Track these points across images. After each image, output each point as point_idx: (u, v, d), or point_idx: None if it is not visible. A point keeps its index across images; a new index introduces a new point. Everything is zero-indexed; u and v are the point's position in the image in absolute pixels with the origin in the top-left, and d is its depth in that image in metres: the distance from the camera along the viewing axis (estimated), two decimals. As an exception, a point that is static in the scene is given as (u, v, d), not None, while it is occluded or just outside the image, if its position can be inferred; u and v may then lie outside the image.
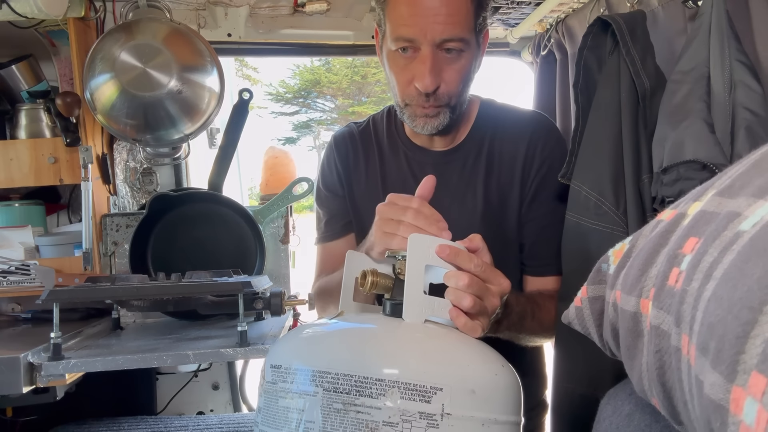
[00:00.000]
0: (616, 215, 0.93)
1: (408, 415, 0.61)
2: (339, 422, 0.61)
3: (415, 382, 0.61)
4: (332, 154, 1.26)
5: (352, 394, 0.61)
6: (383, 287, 0.76)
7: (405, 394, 0.61)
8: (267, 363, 0.70)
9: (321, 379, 0.63)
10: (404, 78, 1.03)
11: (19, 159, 1.41)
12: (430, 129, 1.07)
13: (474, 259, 0.73)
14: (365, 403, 0.61)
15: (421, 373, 0.62)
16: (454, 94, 1.03)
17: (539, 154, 1.11)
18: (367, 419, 0.61)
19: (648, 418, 0.59)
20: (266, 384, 0.68)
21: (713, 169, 0.79)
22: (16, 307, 1.47)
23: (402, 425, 0.61)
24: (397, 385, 0.61)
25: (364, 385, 0.61)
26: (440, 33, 0.97)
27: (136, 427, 1.45)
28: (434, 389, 0.62)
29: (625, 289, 0.55)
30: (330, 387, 0.62)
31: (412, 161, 1.18)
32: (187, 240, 1.40)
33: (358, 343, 0.67)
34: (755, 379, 0.31)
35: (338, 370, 0.62)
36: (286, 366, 0.66)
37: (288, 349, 0.69)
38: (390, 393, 0.61)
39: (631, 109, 0.95)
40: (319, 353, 0.66)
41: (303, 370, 0.64)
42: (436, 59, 0.99)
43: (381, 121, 1.24)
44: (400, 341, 0.68)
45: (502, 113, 1.18)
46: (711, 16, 0.86)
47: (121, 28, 1.34)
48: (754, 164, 0.45)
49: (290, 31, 1.64)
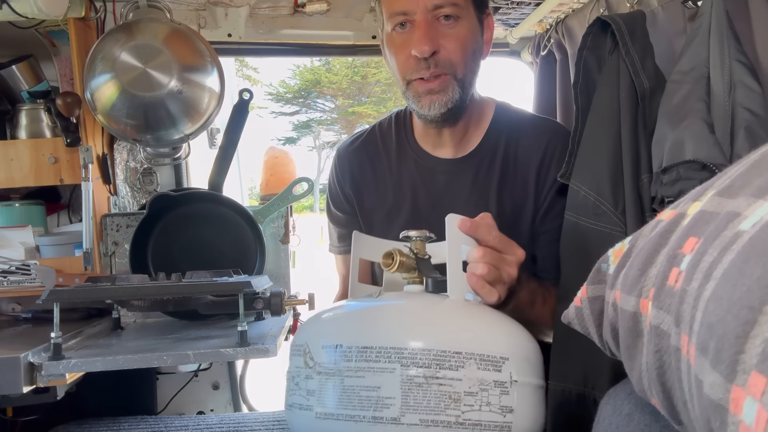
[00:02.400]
0: (615, 215, 0.94)
1: (485, 384, 0.65)
2: (422, 396, 0.63)
3: (487, 353, 0.66)
4: (337, 172, 1.24)
5: (433, 368, 0.64)
6: (407, 267, 0.78)
7: (480, 365, 0.65)
8: (314, 344, 0.69)
9: (398, 355, 0.64)
10: (403, 53, 1.03)
11: (19, 159, 1.41)
12: (438, 107, 1.03)
13: (492, 231, 0.79)
14: (446, 375, 0.64)
15: (491, 345, 0.67)
16: (456, 62, 1.02)
17: (556, 164, 1.09)
18: (449, 390, 0.64)
19: (648, 418, 0.59)
20: (321, 366, 0.67)
21: (713, 169, 0.79)
22: (16, 307, 1.47)
23: (480, 394, 0.64)
24: (473, 357, 0.65)
25: (443, 358, 0.64)
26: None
27: (136, 427, 1.45)
28: (503, 359, 0.67)
29: (624, 289, 0.55)
30: (408, 362, 0.64)
31: (423, 169, 1.15)
32: (187, 240, 1.40)
33: (426, 319, 0.70)
34: (755, 379, 0.31)
35: (415, 346, 0.64)
36: (349, 345, 0.66)
37: (345, 328, 0.69)
38: (468, 364, 0.65)
39: (631, 109, 0.95)
40: (390, 331, 0.67)
41: (373, 348, 0.65)
42: (432, 26, 1.00)
43: (389, 127, 1.21)
44: (463, 315, 0.72)
45: (517, 119, 1.16)
46: (711, 17, 0.86)
47: (121, 29, 1.34)
48: (754, 164, 0.45)
49: (290, 31, 1.64)
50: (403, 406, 0.63)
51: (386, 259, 0.78)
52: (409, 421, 0.63)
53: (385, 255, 0.79)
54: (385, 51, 1.08)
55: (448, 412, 0.64)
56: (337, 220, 1.27)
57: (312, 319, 0.78)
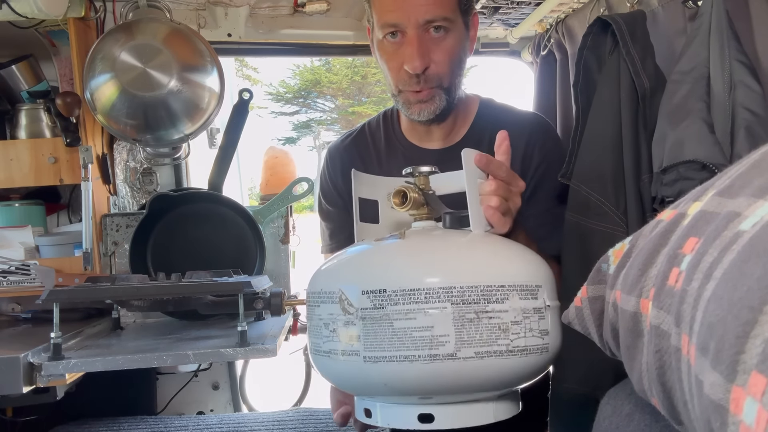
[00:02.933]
0: (616, 215, 0.94)
1: (527, 312, 0.69)
2: (474, 330, 0.67)
3: (526, 282, 0.70)
4: (328, 168, 1.27)
5: (482, 303, 0.67)
6: (417, 204, 0.79)
7: (521, 295, 0.69)
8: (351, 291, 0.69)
9: (447, 294, 0.66)
10: (394, 64, 1.05)
11: (19, 159, 1.41)
12: (427, 114, 1.07)
13: (502, 166, 0.82)
14: (495, 308, 0.68)
15: (527, 275, 0.71)
16: (444, 74, 1.05)
17: (538, 153, 1.13)
18: (498, 322, 0.67)
19: (648, 418, 0.59)
20: (364, 311, 0.68)
21: (713, 169, 0.79)
22: (16, 307, 1.47)
23: (524, 322, 0.69)
24: (515, 288, 0.69)
25: (490, 292, 0.67)
26: (423, 14, 1.00)
27: (136, 427, 1.45)
28: (537, 287, 0.71)
29: (625, 289, 0.55)
30: (459, 300, 0.66)
31: (410, 161, 1.18)
32: (187, 240, 1.40)
33: (467, 256, 0.73)
34: (755, 379, 0.31)
35: (463, 283, 0.67)
36: (394, 289, 0.67)
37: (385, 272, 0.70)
38: (512, 296, 0.68)
39: (631, 109, 0.95)
40: (434, 271, 0.68)
41: (421, 290, 0.67)
42: (423, 40, 1.02)
43: (377, 126, 1.25)
44: (498, 249, 0.75)
45: (501, 113, 1.19)
46: (711, 16, 0.86)
47: (121, 28, 1.34)
48: (754, 164, 0.45)
49: (290, 31, 1.64)
50: (458, 341, 0.66)
51: (397, 198, 0.79)
52: (465, 355, 0.66)
53: (395, 194, 0.80)
54: (375, 53, 1.11)
55: (500, 342, 0.67)
56: (329, 216, 1.29)
57: (336, 266, 0.78)
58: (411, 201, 0.78)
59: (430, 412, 0.71)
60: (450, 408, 0.71)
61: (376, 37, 1.07)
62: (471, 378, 0.67)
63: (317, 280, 0.77)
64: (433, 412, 0.71)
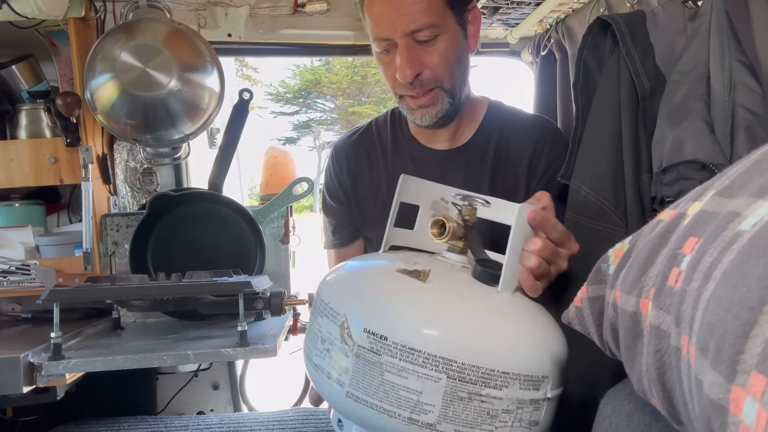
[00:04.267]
0: (616, 215, 0.94)
1: (522, 402, 0.66)
2: (461, 409, 0.64)
3: (532, 373, 0.66)
4: (334, 163, 1.27)
5: (478, 385, 0.64)
6: (456, 236, 0.76)
7: (523, 385, 0.66)
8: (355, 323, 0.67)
9: (446, 366, 0.64)
10: (389, 74, 1.07)
11: (19, 159, 1.41)
12: (429, 119, 1.07)
13: (558, 226, 0.77)
14: (490, 394, 0.64)
15: (536, 364, 0.67)
16: (441, 76, 1.05)
17: (546, 157, 1.12)
18: (489, 408, 0.64)
19: (648, 418, 0.59)
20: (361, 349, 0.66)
21: (713, 169, 0.79)
22: (16, 307, 1.47)
23: (516, 412, 0.65)
24: (518, 378, 0.65)
25: (491, 377, 0.64)
26: (407, 24, 1.00)
27: (136, 427, 1.45)
28: (543, 378, 0.67)
29: (624, 289, 0.55)
30: (456, 375, 0.64)
31: (416, 160, 1.19)
32: (187, 240, 1.40)
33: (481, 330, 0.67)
34: (755, 378, 0.31)
35: (465, 360, 0.64)
36: (396, 340, 0.64)
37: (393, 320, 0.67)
38: (512, 384, 0.65)
39: (631, 109, 0.95)
40: (440, 338, 0.65)
41: (422, 352, 0.64)
42: (412, 50, 1.02)
43: (384, 123, 1.25)
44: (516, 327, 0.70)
45: (509, 115, 1.19)
46: (711, 16, 0.86)
47: (121, 28, 1.34)
48: (754, 164, 0.45)
49: (290, 31, 1.64)
50: (442, 414, 0.64)
51: (436, 228, 0.76)
52: (444, 429, 0.64)
53: (434, 223, 0.77)
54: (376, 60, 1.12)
55: (483, 427, 0.65)
56: (332, 212, 1.29)
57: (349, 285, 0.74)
58: (449, 233, 0.75)
59: None
60: None
61: (374, 50, 1.09)
62: None
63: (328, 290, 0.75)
64: None
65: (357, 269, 0.77)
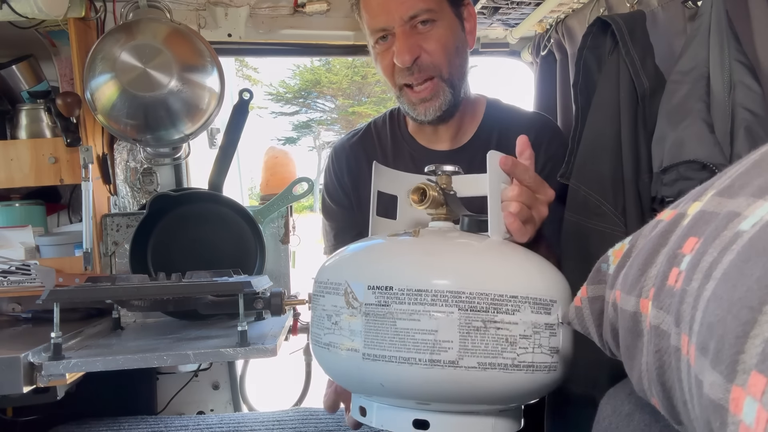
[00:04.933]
0: (616, 215, 0.94)
1: (537, 326, 0.66)
2: (480, 339, 0.64)
3: (540, 296, 0.67)
4: (334, 166, 1.26)
5: (491, 312, 0.64)
6: (436, 203, 0.77)
7: (534, 308, 0.66)
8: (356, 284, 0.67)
9: (455, 299, 0.64)
10: (387, 64, 1.07)
11: (19, 159, 1.41)
12: (433, 112, 1.07)
13: (528, 171, 0.79)
14: (504, 319, 0.65)
15: (542, 288, 0.68)
16: (440, 63, 1.05)
17: (543, 154, 1.13)
18: (506, 334, 0.65)
19: (648, 418, 0.59)
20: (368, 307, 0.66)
21: (713, 169, 0.79)
22: (16, 307, 1.47)
23: (533, 336, 0.66)
24: (527, 300, 0.66)
25: (500, 302, 0.65)
26: (406, 10, 1.01)
27: (136, 427, 1.45)
28: (552, 302, 0.68)
29: (624, 288, 0.55)
30: (467, 306, 0.64)
31: (418, 162, 1.18)
32: (187, 240, 1.40)
33: (481, 262, 0.69)
34: (755, 378, 0.31)
35: (473, 289, 0.64)
36: (401, 287, 0.65)
37: (394, 269, 0.67)
38: (523, 308, 0.65)
39: (631, 109, 0.95)
40: (444, 273, 0.66)
41: (429, 291, 0.64)
42: (410, 35, 1.03)
43: (383, 124, 1.25)
44: (514, 258, 0.72)
45: (508, 113, 1.20)
46: (710, 17, 0.86)
47: (121, 29, 1.34)
48: (754, 164, 0.45)
49: (290, 32, 1.64)
50: (462, 349, 0.63)
51: (416, 194, 0.77)
52: (467, 365, 0.64)
53: (414, 190, 0.77)
54: (373, 59, 1.13)
55: (505, 355, 0.64)
56: (333, 215, 1.28)
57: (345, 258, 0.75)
58: (430, 199, 0.76)
59: (426, 419, 0.69)
60: (447, 417, 0.69)
61: (370, 45, 1.09)
62: (471, 389, 0.65)
63: (325, 270, 0.76)
64: (429, 419, 0.69)
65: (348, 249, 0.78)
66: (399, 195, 0.91)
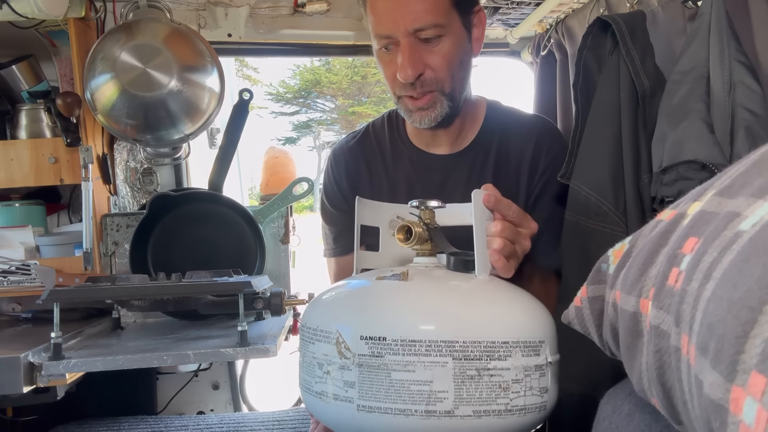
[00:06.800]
0: (616, 215, 0.93)
1: (528, 369, 0.67)
2: (474, 387, 0.64)
3: (530, 339, 0.68)
4: (333, 170, 1.24)
5: (484, 360, 0.65)
6: (421, 239, 0.77)
7: (524, 351, 0.67)
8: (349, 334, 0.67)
9: (449, 348, 0.64)
10: (390, 73, 1.05)
11: (19, 159, 1.41)
12: (428, 122, 1.06)
13: (512, 206, 0.80)
14: (497, 366, 0.65)
15: (531, 330, 0.68)
16: (443, 79, 1.03)
17: (544, 158, 1.12)
18: (499, 381, 0.65)
19: (648, 417, 0.59)
20: (362, 358, 0.65)
21: (712, 169, 0.79)
22: (16, 307, 1.47)
23: (525, 380, 0.67)
24: (518, 345, 0.66)
25: (493, 349, 0.65)
26: (412, 23, 0.98)
27: (136, 427, 1.45)
28: (540, 342, 0.69)
29: (624, 288, 0.55)
30: (461, 355, 0.64)
31: (417, 166, 1.17)
32: (187, 240, 1.40)
33: (472, 308, 0.69)
34: (755, 378, 0.31)
35: (467, 338, 0.65)
36: (395, 338, 0.64)
37: (386, 319, 0.67)
38: (514, 353, 0.66)
39: (631, 109, 0.95)
40: (437, 322, 0.66)
41: (423, 341, 0.64)
42: (415, 49, 1.00)
43: (382, 127, 1.23)
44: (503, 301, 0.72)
45: (509, 116, 1.18)
46: (710, 17, 0.86)
47: (121, 29, 1.34)
48: (754, 164, 0.45)
49: (290, 32, 1.64)
50: (457, 398, 0.64)
51: (401, 233, 0.77)
52: (463, 413, 0.64)
53: (399, 229, 0.78)
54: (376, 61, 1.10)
55: (499, 401, 0.65)
56: (333, 219, 1.27)
57: (335, 304, 0.75)
58: (416, 237, 0.76)
59: None
60: None
61: (374, 47, 1.07)
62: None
63: (313, 315, 0.74)
64: None
65: (336, 292, 0.77)
66: (381, 226, 0.90)
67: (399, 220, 0.82)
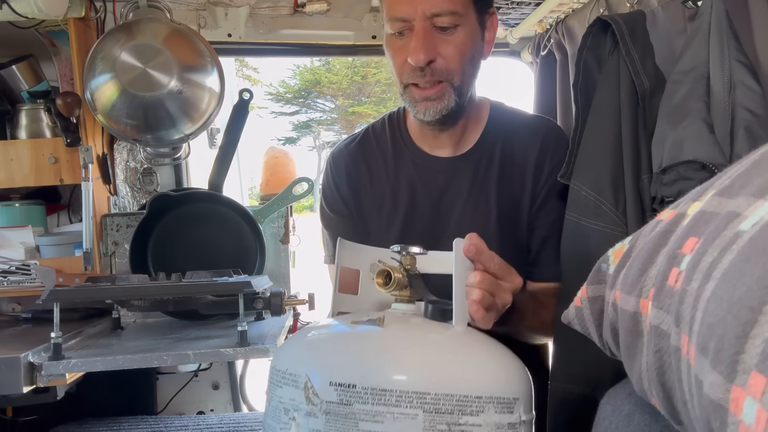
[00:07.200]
0: (616, 215, 0.94)
1: (500, 427, 0.64)
2: None
3: (504, 395, 0.65)
4: (332, 175, 1.21)
5: (456, 414, 0.62)
6: (401, 285, 0.76)
7: (497, 408, 0.64)
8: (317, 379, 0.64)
9: (420, 400, 0.62)
10: (399, 59, 1.02)
11: (19, 159, 1.41)
12: (433, 114, 1.03)
13: (494, 258, 0.78)
14: (468, 421, 0.63)
15: (506, 386, 0.66)
16: (454, 70, 1.01)
17: (549, 161, 1.10)
18: None
19: (648, 418, 0.59)
20: (329, 405, 0.63)
21: (712, 169, 0.79)
22: (16, 307, 1.47)
23: None
24: (492, 401, 0.64)
25: (465, 403, 0.63)
26: (430, 7, 0.97)
27: (136, 427, 1.45)
28: (515, 399, 0.66)
29: (624, 289, 0.55)
30: (431, 408, 0.62)
31: (421, 168, 1.14)
32: (187, 240, 1.40)
33: (446, 360, 0.67)
34: (755, 378, 0.31)
35: (438, 390, 0.62)
36: (365, 386, 0.62)
37: (356, 365, 0.64)
38: (487, 408, 0.64)
39: (631, 109, 0.95)
40: (409, 372, 0.64)
41: (393, 391, 0.62)
42: (429, 34, 0.98)
43: (382, 129, 1.20)
44: (478, 354, 0.69)
45: (512, 118, 1.17)
46: (711, 17, 0.86)
47: (121, 29, 1.34)
48: (754, 164, 0.45)
49: (290, 32, 1.64)
50: None
51: (381, 278, 0.76)
52: None
53: (379, 273, 0.76)
54: (385, 49, 1.08)
55: None
56: (332, 224, 1.23)
57: (306, 347, 0.73)
58: (395, 282, 0.75)
59: None
60: None
61: (386, 32, 1.04)
62: None
63: (283, 357, 0.72)
64: None
65: (308, 334, 0.75)
66: (362, 269, 0.88)
67: (380, 264, 0.80)
